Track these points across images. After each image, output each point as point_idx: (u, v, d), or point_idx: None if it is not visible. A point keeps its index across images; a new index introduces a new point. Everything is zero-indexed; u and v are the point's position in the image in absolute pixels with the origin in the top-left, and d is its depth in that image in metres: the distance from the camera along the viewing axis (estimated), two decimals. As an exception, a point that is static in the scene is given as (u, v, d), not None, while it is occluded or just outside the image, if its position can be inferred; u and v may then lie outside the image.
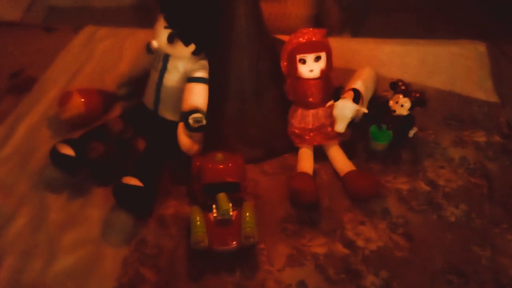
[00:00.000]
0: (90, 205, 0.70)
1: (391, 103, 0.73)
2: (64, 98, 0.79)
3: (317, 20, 1.16)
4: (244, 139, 0.76)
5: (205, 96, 0.71)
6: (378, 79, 0.85)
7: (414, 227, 0.67)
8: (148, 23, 0.75)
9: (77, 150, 0.69)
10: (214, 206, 0.63)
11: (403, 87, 0.71)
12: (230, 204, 0.62)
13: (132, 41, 0.97)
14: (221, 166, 0.65)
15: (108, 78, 0.91)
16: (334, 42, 0.75)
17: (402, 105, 0.71)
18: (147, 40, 0.78)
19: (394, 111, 0.72)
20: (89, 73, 0.92)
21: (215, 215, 0.63)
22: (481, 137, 0.79)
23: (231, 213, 0.62)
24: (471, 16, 1.54)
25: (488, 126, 0.81)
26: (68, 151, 0.69)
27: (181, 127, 0.69)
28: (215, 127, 0.74)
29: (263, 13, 0.75)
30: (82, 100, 0.79)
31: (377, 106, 0.77)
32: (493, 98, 0.86)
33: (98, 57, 0.95)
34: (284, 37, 0.80)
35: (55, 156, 0.70)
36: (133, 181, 0.64)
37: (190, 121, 0.68)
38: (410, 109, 0.72)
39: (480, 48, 0.97)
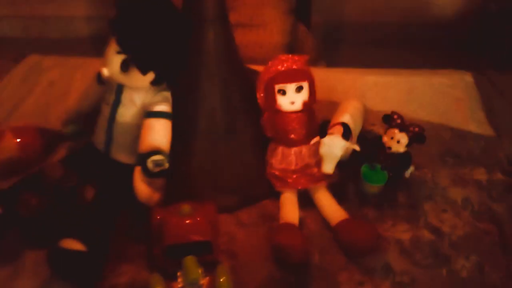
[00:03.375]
0: (21, 275, 0.55)
1: (385, 139, 0.63)
2: (-7, 139, 0.65)
3: (291, 49, 1.08)
4: (216, 184, 0.64)
5: (167, 134, 0.59)
6: (364, 117, 0.75)
7: (422, 286, 0.56)
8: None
9: (5, 205, 0.55)
10: (179, 273, 0.50)
11: (398, 121, 0.62)
12: (200, 270, 0.49)
13: (83, 72, 0.85)
14: (188, 222, 0.52)
15: (53, 114, 0.77)
16: (312, 72, 0.66)
17: (398, 141, 0.62)
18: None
19: (389, 148, 0.63)
20: (30, 109, 0.79)
21: (180, 285, 0.49)
22: (481, 175, 0.71)
23: (201, 282, 0.49)
24: (448, 48, 1.53)
25: (487, 162, 0.73)
26: (-8, 206, 0.54)
27: (138, 172, 0.57)
28: (180, 171, 0.62)
29: (235, 40, 0.65)
30: (17, 140, 0.66)
31: (369, 142, 0.67)
32: (488, 131, 0.79)
33: (41, 90, 0.82)
34: (258, 67, 0.70)
35: (-26, 213, 0.55)
36: (74, 245, 0.50)
37: (150, 164, 0.56)
38: (407, 146, 0.62)
39: (467, 78, 0.91)
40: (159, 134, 0.59)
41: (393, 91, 0.87)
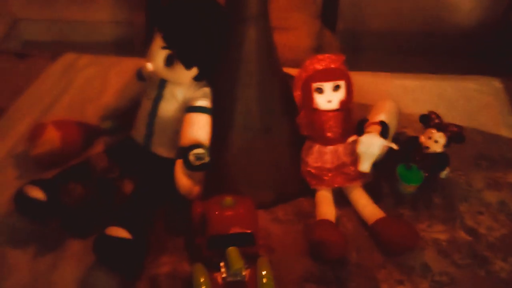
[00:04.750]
0: (63, 264, 0.56)
1: (422, 138, 0.63)
2: (36, 132, 0.67)
3: (317, 53, 1.09)
4: (252, 180, 0.65)
5: (207, 129, 0.60)
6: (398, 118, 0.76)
7: (462, 286, 0.56)
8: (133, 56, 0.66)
9: (50, 194, 0.56)
10: (222, 264, 0.51)
11: (437, 120, 0.62)
12: (243, 262, 0.50)
13: (118, 70, 0.87)
14: (230, 213, 0.52)
15: (90, 109, 0.79)
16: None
17: (436, 141, 0.62)
18: (134, 69, 0.68)
19: (427, 148, 0.63)
20: (68, 104, 0.80)
21: (224, 275, 0.50)
22: (516, 178, 0.71)
23: (244, 273, 0.50)
24: (470, 57, 1.53)
25: (521, 166, 0.73)
26: (37, 194, 0.55)
27: (179, 165, 0.58)
28: (218, 166, 0.63)
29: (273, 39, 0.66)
30: (58, 133, 0.67)
31: (404, 142, 0.67)
32: (520, 135, 0.79)
33: (78, 87, 0.84)
34: (286, 70, 0.71)
35: (21, 200, 0.56)
36: (120, 232, 0.51)
37: (191, 158, 0.57)
38: (445, 146, 0.62)
39: (496, 83, 0.91)
40: (200, 128, 0.60)
41: (422, 94, 0.87)
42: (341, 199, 0.65)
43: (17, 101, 0.79)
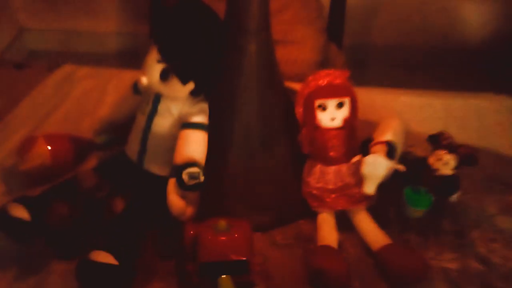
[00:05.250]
0: (46, 287, 0.52)
1: (431, 160, 0.60)
2: (25, 145, 0.64)
3: (322, 68, 1.06)
4: (250, 201, 0.61)
5: (203, 146, 0.57)
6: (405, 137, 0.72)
7: (473, 322, 0.52)
8: (137, 68, 0.64)
9: (34, 212, 0.53)
10: (214, 293, 0.47)
11: (447, 141, 0.59)
12: (236, 291, 0.46)
13: (117, 83, 0.84)
14: (224, 238, 0.49)
15: (86, 123, 0.76)
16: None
17: (446, 163, 0.58)
18: (133, 82, 0.65)
19: (436, 170, 0.59)
20: (63, 116, 0.78)
21: (215, 306, 0.46)
22: (532, 203, 0.66)
23: (237, 304, 0.46)
24: (479, 73, 1.50)
25: (536, 190, 0.68)
26: (21, 213, 0.52)
27: (172, 185, 0.55)
28: (214, 186, 0.60)
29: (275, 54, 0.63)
30: (49, 147, 0.64)
31: (411, 163, 0.63)
32: (535, 157, 0.75)
33: (75, 99, 0.81)
34: (289, 84, 0.68)
35: (3, 219, 0.53)
36: (105, 257, 0.48)
37: (185, 177, 0.54)
38: (456, 168, 0.59)
39: (508, 102, 0.87)
40: (195, 146, 0.57)
41: (429, 112, 0.84)
42: (344, 222, 0.61)
43: (11, 112, 0.77)
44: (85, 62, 0.92)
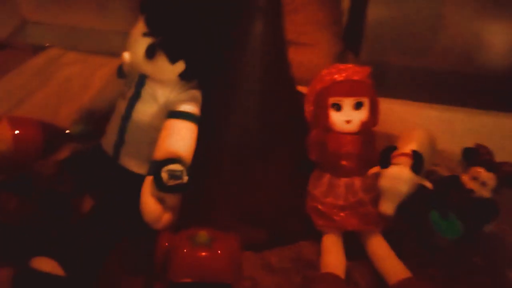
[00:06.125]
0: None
1: (465, 178, 0.49)
2: (-15, 127, 0.55)
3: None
4: (242, 213, 0.51)
5: (191, 141, 0.48)
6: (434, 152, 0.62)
7: None
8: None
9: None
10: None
11: (486, 156, 0.48)
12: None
13: (107, 71, 0.75)
14: (204, 254, 0.39)
15: (64, 111, 0.67)
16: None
17: (483, 183, 0.48)
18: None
19: (471, 191, 0.49)
20: (40, 102, 0.69)
21: None
22: None
23: None
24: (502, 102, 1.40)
25: None
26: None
27: (148, 183, 0.45)
28: (201, 192, 0.50)
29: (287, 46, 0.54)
30: (13, 132, 0.55)
31: (442, 182, 0.53)
32: None
33: (56, 85, 0.73)
34: (300, 88, 0.59)
35: None
36: (49, 266, 0.37)
37: (164, 175, 0.44)
38: (494, 191, 0.48)
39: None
40: (181, 139, 0.47)
41: (459, 129, 0.74)
42: (354, 247, 0.51)
43: (-19, 93, 0.68)
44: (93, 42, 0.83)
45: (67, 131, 0.61)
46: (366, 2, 1.06)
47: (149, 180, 0.45)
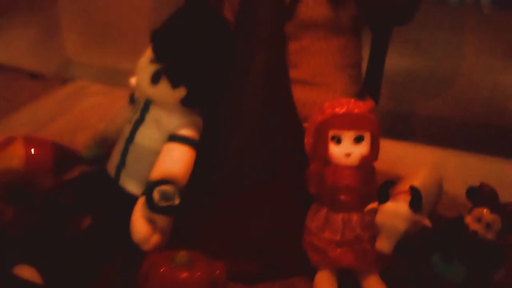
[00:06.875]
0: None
1: (469, 219, 0.47)
2: (1, 144, 0.58)
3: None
4: (235, 243, 0.50)
5: (187, 164, 0.49)
6: (442, 191, 0.60)
7: None
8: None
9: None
10: None
11: (490, 196, 0.46)
12: None
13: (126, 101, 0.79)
14: (181, 274, 0.38)
15: (81, 136, 0.70)
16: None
17: (488, 225, 0.45)
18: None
19: (474, 233, 0.46)
20: (61, 127, 0.73)
21: None
22: None
23: None
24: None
25: None
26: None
27: (140, 203, 0.45)
28: (193, 217, 0.50)
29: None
30: (27, 150, 0.58)
31: (445, 222, 0.50)
32: None
33: (78, 113, 0.77)
34: None
35: None
36: (28, 274, 0.38)
37: (155, 195, 0.44)
38: (500, 233, 0.45)
39: None
40: (176, 162, 0.48)
41: (478, 176, 0.71)
42: (349, 285, 0.48)
43: (8, 116, 0.73)
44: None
45: (79, 154, 0.63)
46: (385, 50, 1.07)
47: (142, 200, 0.46)
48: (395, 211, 0.45)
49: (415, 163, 0.72)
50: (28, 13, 1.31)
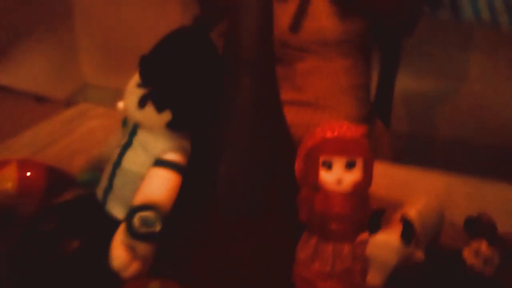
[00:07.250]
0: None
1: (466, 252, 0.44)
2: (-5, 167, 0.58)
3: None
4: (223, 276, 0.48)
5: (171, 190, 0.47)
6: (444, 221, 0.57)
7: None
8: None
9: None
10: None
11: (488, 228, 0.43)
12: None
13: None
14: (152, 307, 0.36)
15: (78, 160, 0.70)
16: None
17: (485, 260, 0.42)
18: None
19: (471, 266, 0.43)
20: (60, 150, 0.73)
21: None
22: None
23: None
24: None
25: None
26: None
27: (121, 230, 0.44)
28: (178, 245, 0.48)
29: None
30: (20, 174, 0.58)
31: (442, 256, 0.47)
32: None
33: (78, 135, 0.77)
34: None
35: None
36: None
37: (136, 221, 0.43)
38: (499, 268, 0.42)
39: None
40: (160, 187, 0.47)
41: (489, 206, 0.67)
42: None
43: (9, 140, 0.74)
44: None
45: (73, 178, 0.63)
46: (395, 70, 1.05)
47: (123, 226, 0.45)
48: (385, 243, 0.43)
49: (422, 189, 0.69)
50: (44, 34, 1.35)
